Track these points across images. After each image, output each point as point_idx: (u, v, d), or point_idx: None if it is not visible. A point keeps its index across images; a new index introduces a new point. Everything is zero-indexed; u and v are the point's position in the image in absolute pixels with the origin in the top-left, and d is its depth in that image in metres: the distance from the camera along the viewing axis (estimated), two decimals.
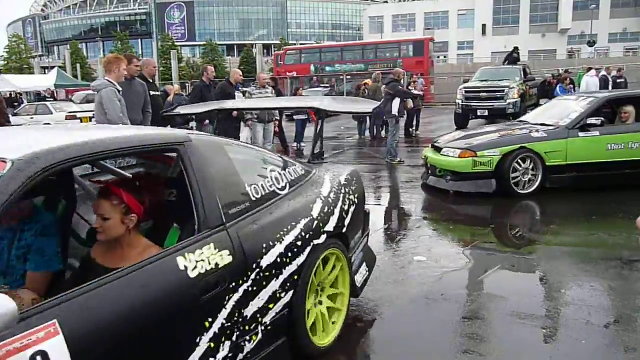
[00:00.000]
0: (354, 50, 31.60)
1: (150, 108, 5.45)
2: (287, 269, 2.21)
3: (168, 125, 5.33)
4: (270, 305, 2.13)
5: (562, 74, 14.83)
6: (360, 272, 2.99)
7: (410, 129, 12.69)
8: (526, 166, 5.81)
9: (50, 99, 20.60)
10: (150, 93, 5.73)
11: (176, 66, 37.45)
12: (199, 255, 1.81)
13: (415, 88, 13.09)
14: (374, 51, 30.22)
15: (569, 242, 4.41)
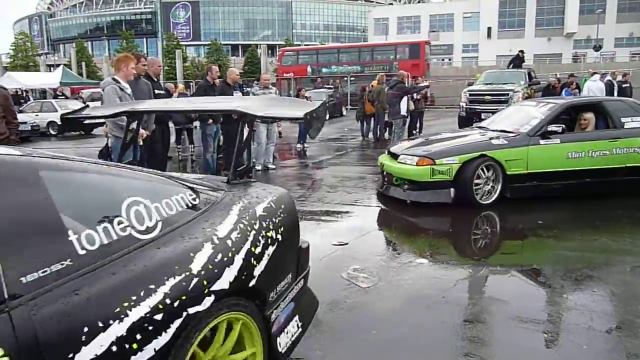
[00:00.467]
0: (351, 53, 31.69)
1: None
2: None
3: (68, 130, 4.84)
4: None
5: (569, 79, 14.62)
6: (288, 332, 2.22)
7: (414, 131, 12.66)
8: (488, 175, 5.53)
9: (62, 97, 20.61)
10: (155, 92, 5.79)
11: (181, 66, 37.64)
12: None
13: (425, 83, 13.07)
14: (370, 53, 30.37)
15: (572, 247, 4.40)
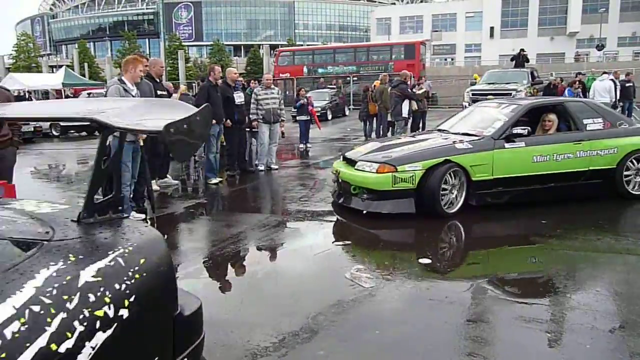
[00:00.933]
0: (347, 53, 31.82)
1: None
2: None
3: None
4: None
5: (576, 77, 14.49)
6: None
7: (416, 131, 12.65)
8: (454, 182, 5.20)
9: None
10: (157, 92, 5.80)
11: (183, 66, 37.71)
12: None
13: (422, 89, 13.07)
14: (366, 54, 30.50)
15: (575, 247, 4.39)
